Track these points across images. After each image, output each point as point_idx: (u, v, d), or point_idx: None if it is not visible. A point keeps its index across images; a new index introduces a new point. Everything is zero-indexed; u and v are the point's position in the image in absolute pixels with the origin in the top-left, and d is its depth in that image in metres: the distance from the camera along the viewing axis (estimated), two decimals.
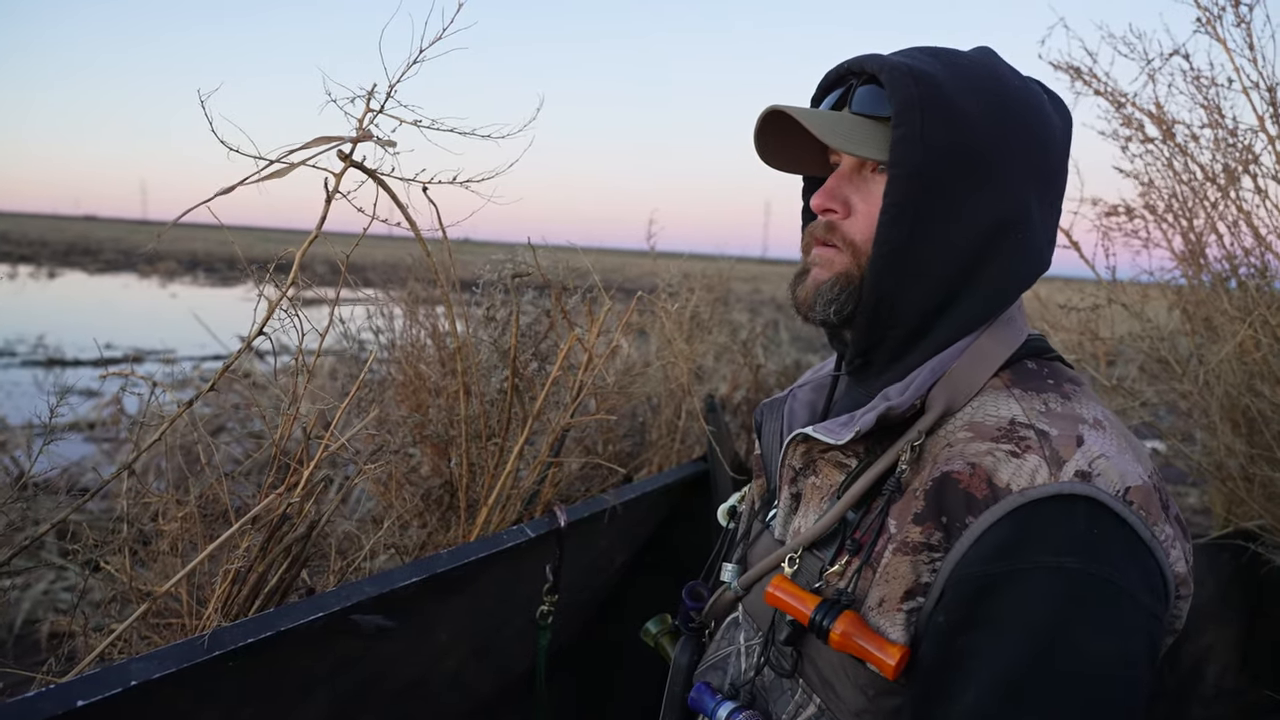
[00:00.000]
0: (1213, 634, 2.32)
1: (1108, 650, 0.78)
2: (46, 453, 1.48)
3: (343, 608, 1.35)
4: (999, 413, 0.91)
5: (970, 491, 0.86)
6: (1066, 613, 0.79)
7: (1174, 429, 2.56)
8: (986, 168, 0.93)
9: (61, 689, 1.02)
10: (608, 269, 2.09)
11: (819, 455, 1.01)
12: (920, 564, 0.87)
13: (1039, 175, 0.98)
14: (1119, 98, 2.42)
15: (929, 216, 0.93)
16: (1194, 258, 2.39)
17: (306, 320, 1.35)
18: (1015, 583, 0.81)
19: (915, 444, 0.92)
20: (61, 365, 10.27)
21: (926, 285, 0.96)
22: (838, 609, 0.89)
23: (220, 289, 24.32)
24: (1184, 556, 0.87)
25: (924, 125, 0.91)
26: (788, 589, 0.94)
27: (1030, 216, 0.97)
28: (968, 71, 0.96)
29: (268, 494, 1.38)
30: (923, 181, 0.92)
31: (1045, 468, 0.84)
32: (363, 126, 1.34)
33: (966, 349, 0.96)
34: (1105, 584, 0.80)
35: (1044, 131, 0.98)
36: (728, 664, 1.08)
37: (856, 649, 0.87)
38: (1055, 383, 0.95)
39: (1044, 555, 0.81)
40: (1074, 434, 0.87)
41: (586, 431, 2.28)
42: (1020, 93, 0.97)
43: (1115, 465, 0.85)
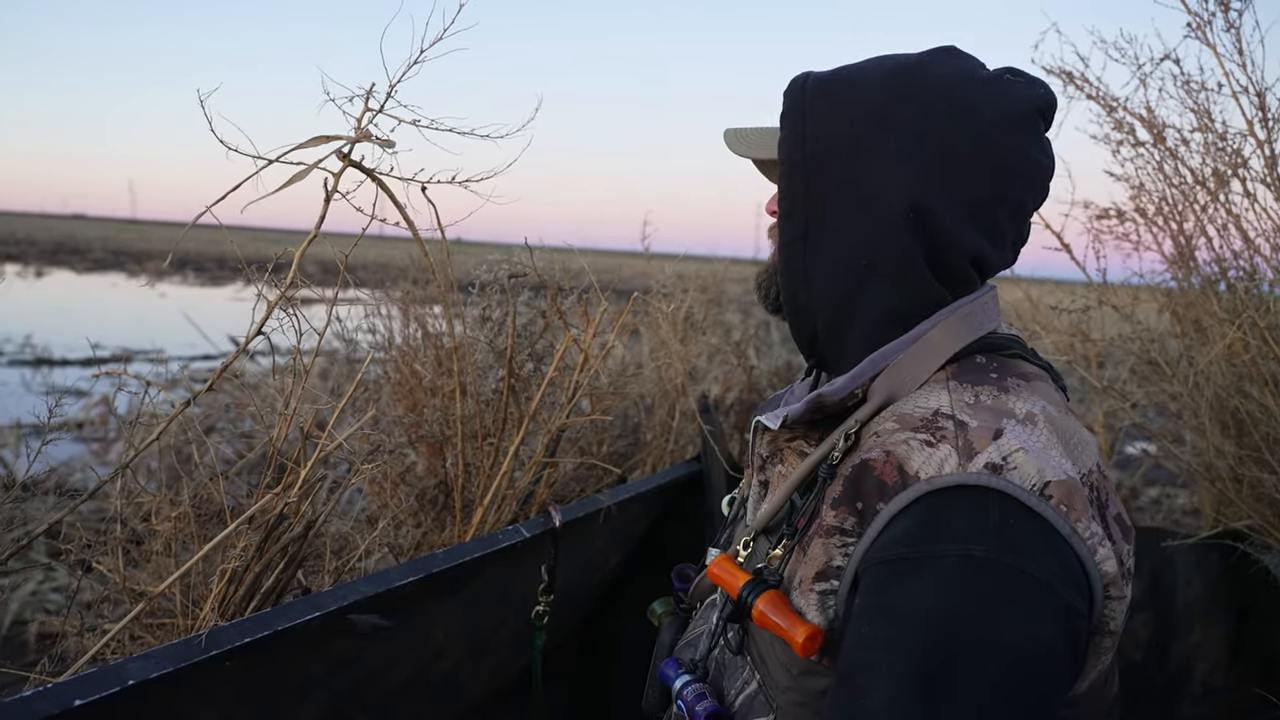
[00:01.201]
0: (1201, 633, 2.34)
1: (1018, 639, 0.76)
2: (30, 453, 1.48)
3: (339, 607, 1.35)
4: (927, 404, 0.92)
5: (882, 478, 0.87)
6: (972, 601, 0.77)
7: (1164, 430, 2.58)
8: (871, 161, 0.95)
9: (58, 689, 1.02)
10: (602, 269, 2.10)
11: (785, 444, 1.04)
12: (833, 547, 0.88)
13: (942, 167, 0.95)
14: (1110, 102, 2.44)
15: (817, 209, 0.98)
16: (1184, 261, 2.40)
17: (305, 320, 1.35)
18: (921, 570, 0.80)
19: (851, 431, 0.94)
20: (49, 365, 10.21)
21: (827, 273, 0.99)
22: (763, 587, 0.92)
23: (210, 288, 24.21)
24: (1116, 556, 0.84)
25: (805, 122, 0.98)
26: (726, 567, 0.98)
27: (932, 206, 0.95)
28: (876, 68, 0.99)
29: (264, 494, 1.38)
30: (803, 177, 0.98)
31: (955, 458, 0.84)
32: (362, 126, 1.35)
33: (916, 340, 0.97)
34: (1016, 573, 0.78)
35: (950, 123, 0.95)
36: (699, 641, 1.11)
37: (771, 625, 0.89)
38: (998, 377, 0.94)
39: (950, 543, 0.80)
40: (994, 426, 0.86)
41: (581, 432, 2.28)
42: (930, 87, 0.96)
43: (1035, 459, 0.83)
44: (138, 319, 14.99)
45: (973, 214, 0.97)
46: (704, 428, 2.41)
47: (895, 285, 0.97)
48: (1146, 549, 2.43)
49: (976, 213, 0.97)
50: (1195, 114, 2.29)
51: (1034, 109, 0.99)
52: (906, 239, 0.96)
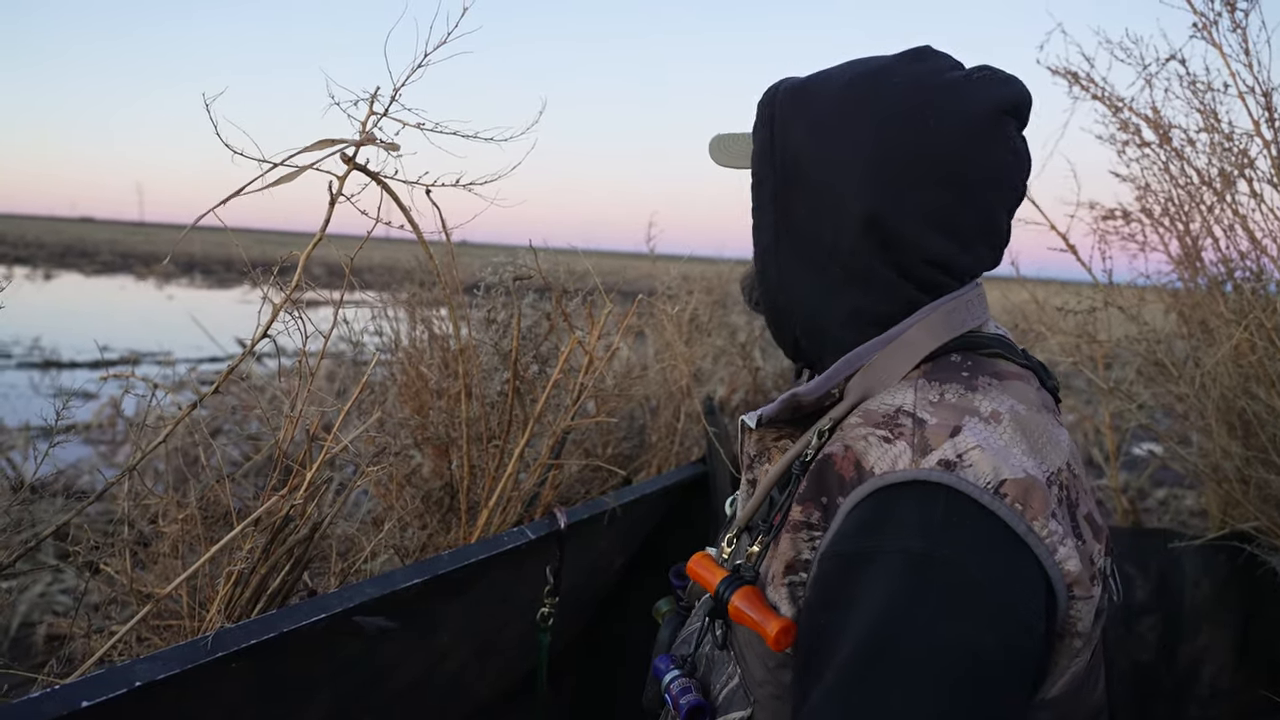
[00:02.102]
0: (1209, 635, 2.33)
1: (952, 637, 0.75)
2: (40, 455, 1.48)
3: (345, 609, 1.35)
4: (892, 401, 0.92)
5: (841, 473, 0.89)
6: (910, 595, 0.77)
7: (1170, 431, 2.58)
8: (830, 168, 0.97)
9: (66, 690, 1.02)
10: (607, 271, 2.10)
11: (771, 444, 1.06)
12: (800, 541, 0.90)
13: (898, 172, 0.95)
14: (1116, 102, 2.43)
15: (785, 218, 1.01)
16: (1190, 261, 2.40)
17: (310, 322, 1.36)
18: (866, 563, 0.81)
19: (824, 429, 0.96)
20: (58, 367, 10.25)
21: (799, 279, 1.02)
22: (739, 583, 0.93)
23: (217, 291, 24.29)
24: (1077, 555, 0.82)
25: (774, 135, 1.01)
26: (704, 564, 0.99)
27: (889, 211, 0.95)
28: (845, 75, 1.00)
29: (270, 496, 1.39)
30: (771, 187, 1.01)
31: (909, 454, 0.84)
32: (366, 129, 1.35)
33: (893, 340, 0.97)
34: (954, 570, 0.77)
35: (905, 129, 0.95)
36: (691, 638, 1.12)
37: (747, 620, 0.90)
38: (969, 375, 0.94)
39: (895, 538, 0.80)
40: (952, 424, 0.86)
41: (586, 434, 2.28)
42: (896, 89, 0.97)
43: (991, 457, 0.83)
44: (145, 321, 15.04)
45: (932, 217, 0.97)
46: (709, 429, 2.41)
47: (862, 288, 0.99)
48: (1154, 550, 2.42)
49: (937, 216, 0.97)
50: (1201, 114, 2.28)
51: (999, 109, 0.98)
52: (867, 243, 0.97)
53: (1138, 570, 2.43)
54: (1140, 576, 2.42)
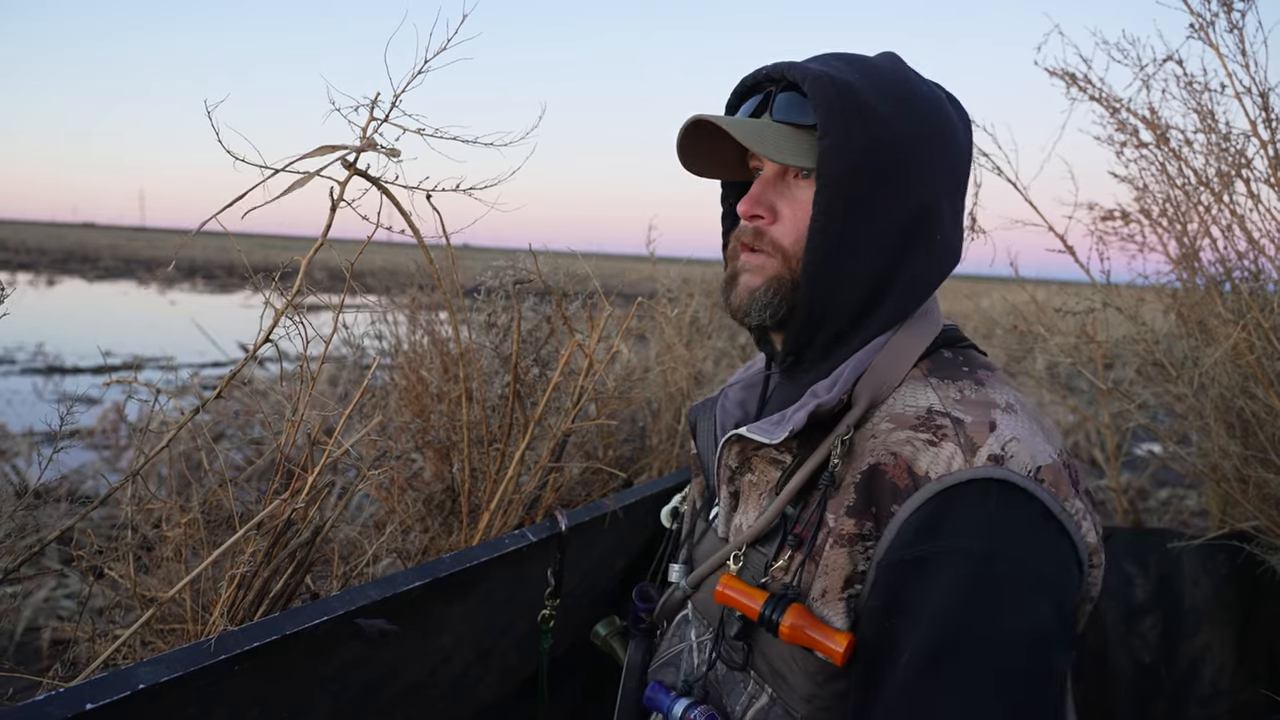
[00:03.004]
0: (1209, 634, 2.34)
1: (1016, 626, 0.82)
2: (45, 460, 1.50)
3: (347, 611, 1.36)
4: (918, 402, 0.96)
5: (895, 481, 0.91)
6: (974, 594, 0.83)
7: (1170, 431, 2.58)
8: (904, 170, 0.98)
9: (71, 692, 1.03)
10: (607, 274, 2.11)
11: (753, 454, 1.05)
12: (856, 554, 0.92)
13: (948, 174, 1.02)
14: (1113, 103, 2.44)
15: (855, 221, 0.98)
16: (1188, 262, 2.41)
17: (311, 327, 1.37)
18: (930, 566, 0.85)
19: (845, 438, 0.96)
20: (61, 373, 10.26)
21: (855, 286, 1.00)
22: (785, 603, 0.93)
23: (219, 296, 24.32)
24: (1094, 528, 0.92)
25: (848, 134, 0.96)
26: (736, 587, 0.98)
27: (942, 214, 1.02)
28: (880, 78, 1.00)
29: (272, 499, 1.40)
30: (848, 188, 0.97)
31: (960, 455, 0.89)
32: (367, 135, 1.36)
33: (886, 344, 1.01)
34: (1014, 562, 0.84)
35: (949, 132, 1.02)
36: (680, 661, 1.11)
37: (805, 639, 0.91)
38: (970, 370, 1.00)
39: (957, 539, 0.85)
40: (987, 419, 0.92)
41: (587, 436, 2.29)
42: (928, 97, 1.02)
43: (1027, 447, 0.90)
44: (148, 326, 15.07)
45: (957, 221, 1.05)
46: None
47: (908, 296, 1.02)
48: (1154, 550, 2.43)
49: (959, 219, 1.05)
50: (1199, 115, 2.29)
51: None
52: (928, 254, 1.02)
53: (1138, 570, 2.44)
54: (1140, 576, 2.43)
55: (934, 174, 1.01)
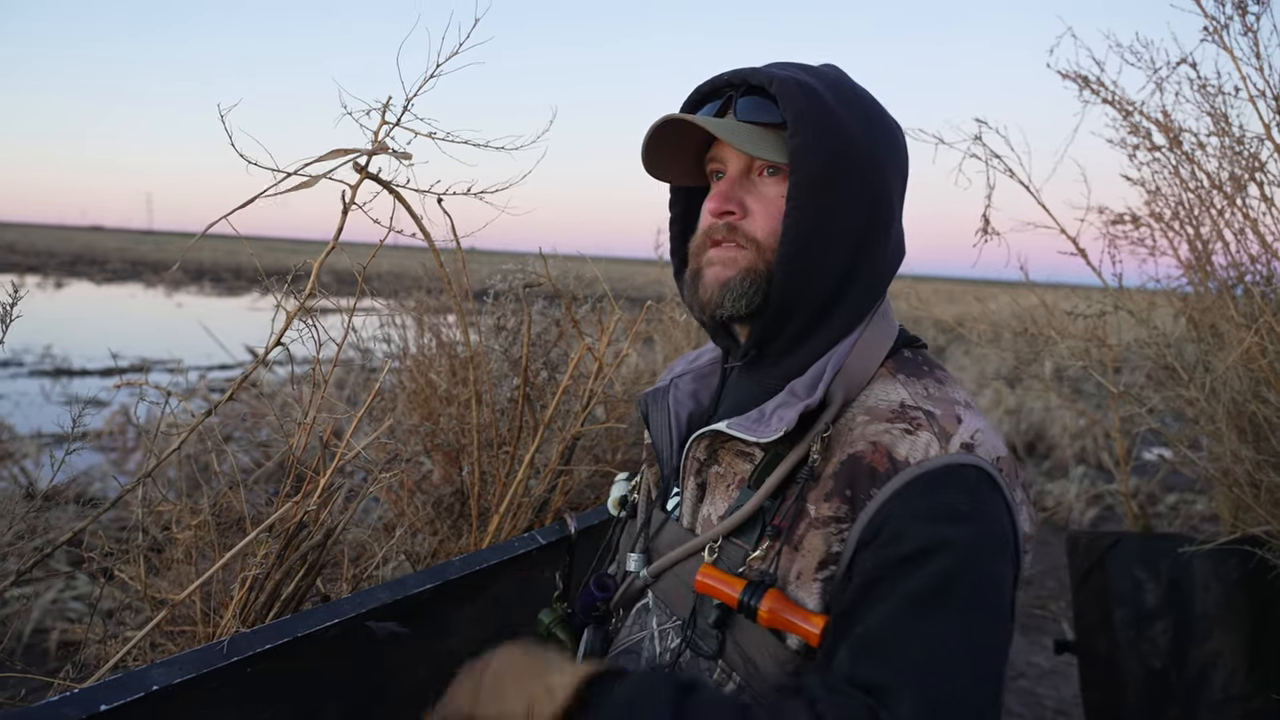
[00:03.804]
0: (1220, 639, 2.32)
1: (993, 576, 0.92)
2: (55, 462, 1.50)
3: (358, 614, 1.36)
4: (889, 397, 1.03)
5: (874, 466, 0.97)
6: (962, 540, 0.91)
7: (1180, 435, 2.57)
8: (864, 168, 1.05)
9: (85, 693, 1.03)
10: (614, 277, 2.11)
11: (722, 446, 1.10)
12: (830, 536, 0.97)
13: (897, 174, 1.10)
14: (1126, 106, 2.43)
15: (824, 215, 1.03)
16: (1200, 265, 2.40)
17: (323, 330, 1.37)
18: (919, 523, 0.92)
19: (824, 435, 1.01)
20: (69, 375, 10.30)
21: (823, 277, 1.06)
22: (762, 589, 0.97)
23: (226, 298, 24.39)
24: (1029, 518, 1.02)
25: (815, 133, 1.01)
26: (716, 575, 1.02)
27: (894, 210, 1.10)
28: (834, 84, 1.07)
29: (284, 502, 1.40)
30: (819, 182, 1.02)
31: (936, 442, 0.97)
32: (378, 139, 1.36)
33: (855, 343, 1.07)
34: (989, 524, 0.94)
35: (896, 137, 1.11)
36: (640, 649, 1.13)
37: (783, 622, 0.96)
38: (929, 370, 1.09)
39: (944, 501, 0.93)
40: (953, 413, 1.01)
41: (596, 439, 2.29)
42: (873, 103, 1.10)
43: (989, 439, 0.99)
44: (156, 329, 15.12)
45: (900, 219, 1.13)
46: None
47: (867, 291, 1.09)
48: (1164, 555, 2.42)
49: (901, 217, 1.13)
50: (1212, 118, 2.28)
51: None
52: (883, 250, 1.09)
53: (1148, 575, 2.42)
54: (1151, 581, 2.42)
55: (887, 173, 1.08)
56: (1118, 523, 6.16)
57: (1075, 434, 8.19)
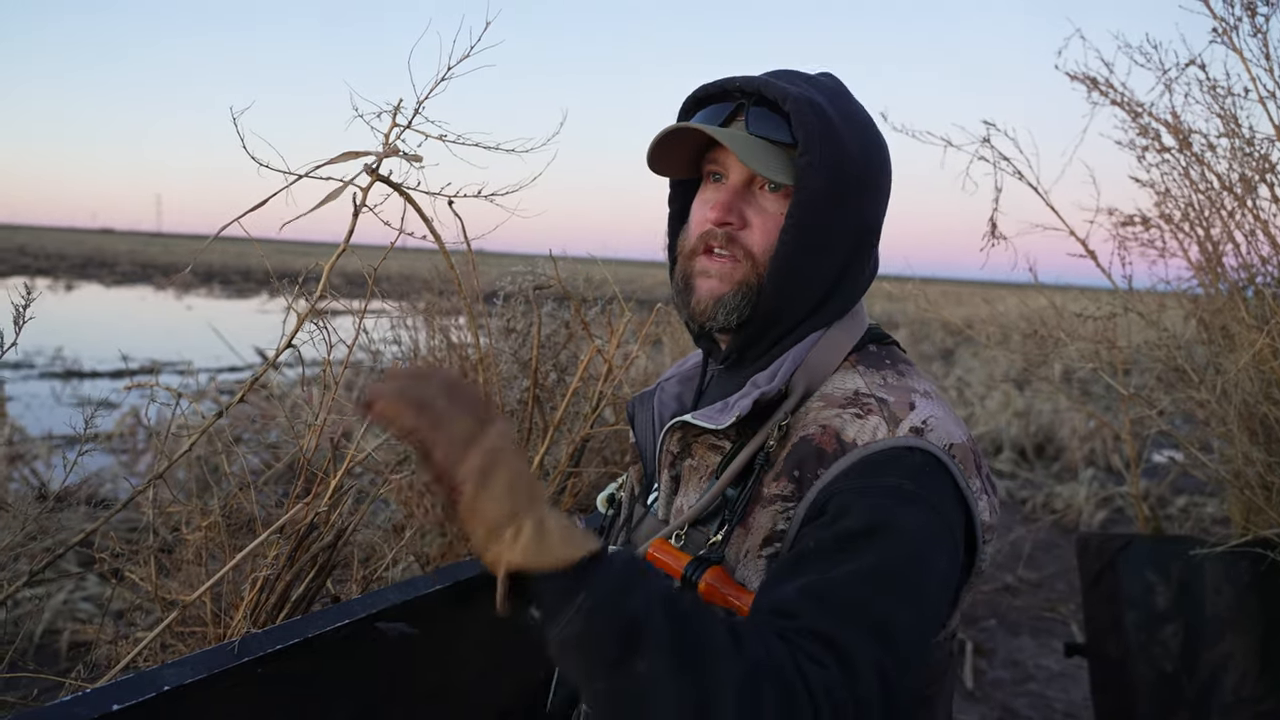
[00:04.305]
0: (1231, 642, 2.31)
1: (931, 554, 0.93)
2: (69, 464, 1.51)
3: (368, 615, 1.37)
4: (846, 386, 1.07)
5: (821, 447, 1.00)
6: (904, 519, 0.92)
7: (1191, 438, 2.56)
8: (858, 189, 1.08)
9: (97, 693, 1.04)
10: (623, 279, 2.11)
11: (694, 440, 1.13)
12: (777, 514, 1.00)
13: (886, 194, 1.14)
14: (1135, 107, 2.43)
15: (819, 233, 1.06)
16: (1211, 267, 2.39)
17: (334, 332, 1.37)
18: (863, 498, 0.94)
19: (782, 423, 1.05)
20: (79, 377, 10.35)
21: (811, 291, 1.10)
22: (706, 564, 1.01)
23: (235, 301, 24.48)
24: (990, 508, 1.03)
25: (823, 153, 1.04)
26: (665, 549, 1.06)
27: (878, 231, 1.14)
28: (836, 99, 1.10)
29: (295, 503, 1.40)
30: (822, 204, 1.05)
31: (884, 426, 1.00)
32: (389, 142, 1.37)
33: (820, 340, 1.11)
34: (933, 506, 0.94)
35: (886, 154, 1.14)
36: None
37: (720, 597, 0.99)
38: (892, 363, 1.12)
39: (889, 479, 0.95)
40: (907, 400, 1.03)
41: (605, 441, 2.29)
42: (870, 122, 1.13)
43: (943, 425, 1.01)
44: (165, 331, 15.18)
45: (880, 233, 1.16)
46: None
47: (844, 300, 1.13)
48: (1175, 557, 2.41)
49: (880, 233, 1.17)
50: (1222, 119, 2.28)
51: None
52: (865, 261, 1.14)
53: (1159, 577, 2.42)
54: (1161, 584, 2.41)
55: (878, 194, 1.12)
56: (1127, 525, 6.14)
57: (1084, 436, 8.16)
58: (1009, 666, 4.11)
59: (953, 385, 10.57)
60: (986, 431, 8.53)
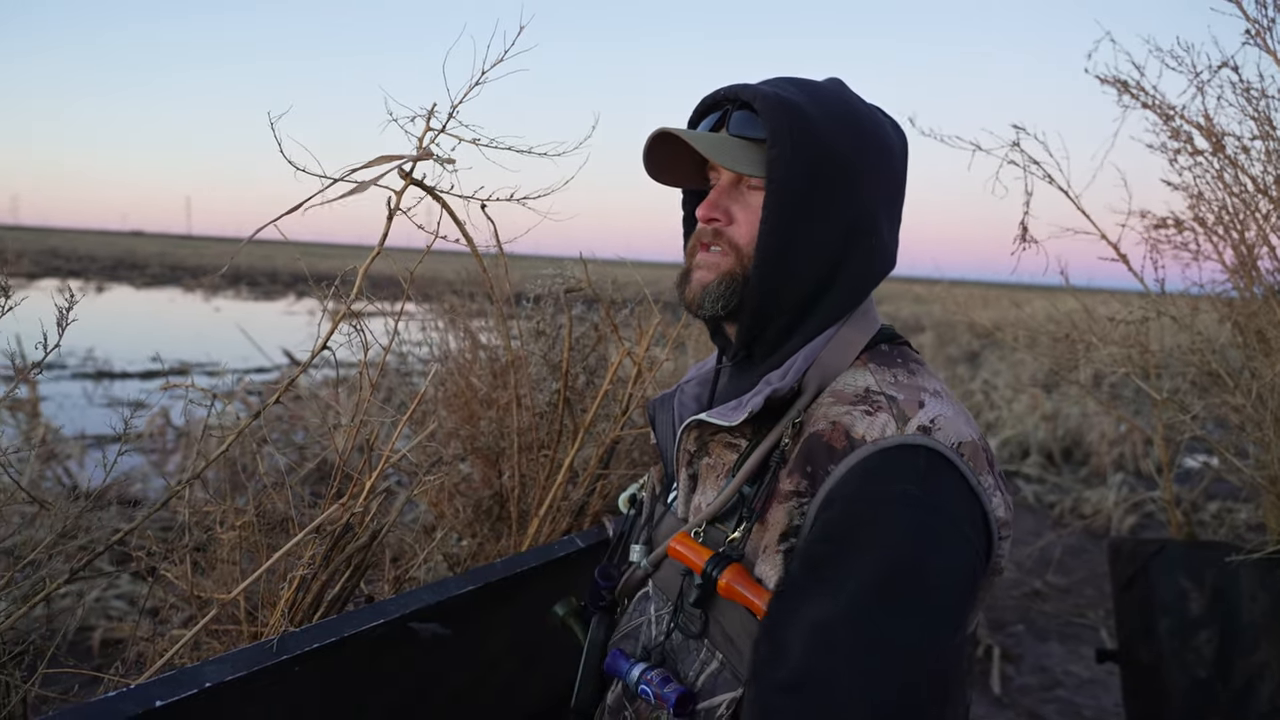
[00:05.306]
0: (1268, 650, 2.28)
1: (936, 562, 0.93)
2: (102, 463, 1.53)
3: (402, 615, 1.38)
4: (856, 383, 1.09)
5: (831, 444, 1.02)
6: (907, 527, 0.94)
7: (1225, 442, 2.53)
8: (843, 180, 1.10)
9: (141, 689, 1.06)
10: (647, 281, 2.12)
11: (710, 438, 1.17)
12: (793, 509, 1.03)
13: (886, 184, 1.15)
14: (1167, 110, 2.40)
15: (800, 223, 1.09)
16: (1245, 270, 2.36)
17: (371, 334, 1.39)
18: (866, 503, 0.96)
19: (796, 420, 1.08)
20: (110, 378, 10.48)
21: (799, 281, 1.12)
22: (726, 561, 1.04)
23: (263, 302, 24.70)
24: (1004, 504, 1.03)
25: (793, 146, 1.07)
26: (687, 543, 1.09)
27: (879, 220, 1.15)
28: (823, 99, 1.12)
29: (331, 503, 1.42)
30: (793, 194, 1.08)
31: (893, 423, 1.01)
32: (423, 145, 1.38)
33: (832, 338, 1.13)
34: (937, 511, 0.96)
35: (886, 145, 1.15)
36: (639, 633, 1.20)
37: (738, 595, 1.01)
38: (903, 362, 1.14)
39: (892, 485, 0.96)
40: (917, 399, 1.05)
41: (634, 443, 2.30)
42: (867, 119, 1.14)
43: (952, 424, 1.02)
44: (194, 333, 15.35)
45: (893, 230, 1.18)
46: None
47: (845, 298, 1.14)
48: (1210, 564, 2.38)
49: (894, 229, 1.18)
50: (1255, 121, 2.25)
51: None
52: (864, 254, 1.14)
53: (1193, 584, 2.39)
54: (1195, 590, 2.38)
55: (873, 183, 1.13)
56: (1157, 531, 6.07)
57: (1113, 440, 8.07)
58: (1037, 672, 4.07)
59: (979, 388, 10.48)
60: (1014, 435, 8.46)
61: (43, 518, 1.65)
